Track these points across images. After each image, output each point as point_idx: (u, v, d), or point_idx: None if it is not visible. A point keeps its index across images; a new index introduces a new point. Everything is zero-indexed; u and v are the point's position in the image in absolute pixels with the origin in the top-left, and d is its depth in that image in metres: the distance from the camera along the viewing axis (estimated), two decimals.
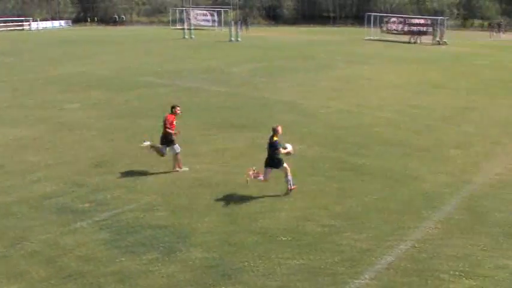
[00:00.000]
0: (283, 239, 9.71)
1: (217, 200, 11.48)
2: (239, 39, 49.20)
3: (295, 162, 13.70)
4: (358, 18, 71.92)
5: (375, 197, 11.62)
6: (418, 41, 50.78)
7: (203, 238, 9.74)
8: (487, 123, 18.46)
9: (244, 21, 63.09)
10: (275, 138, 11.54)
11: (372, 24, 55.71)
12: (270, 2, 78.14)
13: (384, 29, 55.24)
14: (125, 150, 14.98)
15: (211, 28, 64.67)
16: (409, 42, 50.79)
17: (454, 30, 64.18)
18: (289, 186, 11.74)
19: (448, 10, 74.84)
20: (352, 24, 74.15)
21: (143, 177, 12.82)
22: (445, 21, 54.60)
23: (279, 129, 11.59)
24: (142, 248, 9.39)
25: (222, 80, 27.02)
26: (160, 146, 13.23)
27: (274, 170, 11.67)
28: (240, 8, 73.99)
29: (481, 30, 70.44)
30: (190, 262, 8.93)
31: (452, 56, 39.43)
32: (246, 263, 8.87)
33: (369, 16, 56.01)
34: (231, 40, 48.64)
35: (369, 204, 11.25)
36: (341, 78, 27.72)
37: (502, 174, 13.21)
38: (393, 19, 55.49)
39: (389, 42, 50.44)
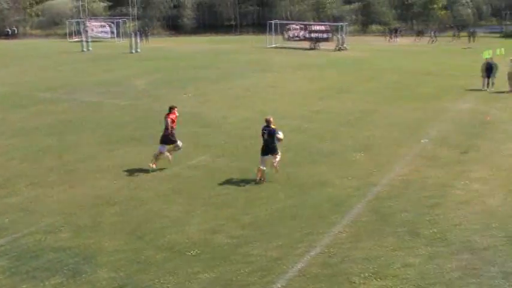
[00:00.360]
0: (193, 253, 9.66)
1: (123, 217, 11.24)
2: (139, 50, 48.57)
3: (200, 175, 13.74)
4: (259, 26, 73.04)
5: (284, 205, 11.82)
6: (318, 47, 52.46)
7: (109, 258, 9.50)
8: (391, 126, 19.36)
9: (144, 31, 62.29)
10: (273, 126, 13.41)
11: (273, 31, 56.87)
12: (170, 11, 77.77)
13: (286, 36, 56.54)
14: (22, 171, 14.35)
15: (110, 40, 63.37)
16: (310, 49, 52.34)
17: (354, 36, 66.77)
18: (275, 167, 13.48)
19: (347, 16, 77.90)
20: (254, 33, 75.23)
21: (43, 198, 12.33)
22: (345, 27, 56.79)
23: (272, 119, 13.56)
24: (45, 272, 9.02)
25: (122, 92, 26.53)
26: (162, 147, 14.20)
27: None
28: (139, 18, 73.15)
29: (379, 35, 73.71)
30: (98, 284, 8.68)
31: (354, 61, 41.05)
32: (156, 281, 8.73)
33: (271, 24, 57.18)
34: (131, 52, 47.92)
35: (277, 212, 11.43)
36: (245, 86, 28.07)
37: (406, 175, 13.88)
38: (294, 26, 56.94)
39: (291, 50, 51.64)
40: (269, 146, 13.45)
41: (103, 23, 66.71)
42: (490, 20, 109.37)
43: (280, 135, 13.46)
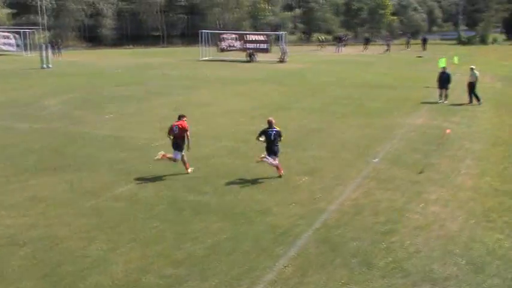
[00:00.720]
0: None
1: (34, 259, 10.89)
2: (50, 65, 47.70)
3: (125, 207, 13.55)
4: (190, 37, 73.38)
5: (220, 238, 11.76)
6: (255, 59, 53.12)
7: None
8: (338, 146, 19.70)
9: (55, 43, 61.08)
10: (277, 128, 15.93)
11: (206, 42, 57.19)
12: (86, 21, 76.44)
13: (220, 47, 56.98)
14: None
15: (16, 53, 61.98)
16: (247, 61, 52.90)
17: (295, 45, 68.02)
18: (279, 169, 15.91)
19: (290, 24, 79.11)
20: (184, 44, 75.46)
21: None
22: (284, 36, 57.69)
23: (274, 120, 16.06)
24: None
25: (32, 114, 25.94)
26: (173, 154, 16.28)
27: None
28: (50, 28, 71.50)
29: (323, 45, 75.38)
30: None
31: (295, 74, 41.82)
32: None
33: (202, 34, 57.40)
34: (42, 67, 47.06)
35: (213, 247, 11.35)
36: (174, 105, 27.94)
37: (357, 199, 14.11)
38: (229, 36, 57.40)
39: (226, 63, 52.08)
40: (274, 148, 15.85)
41: (6, 34, 64.93)
42: (443, 26, 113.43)
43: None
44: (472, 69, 29.11)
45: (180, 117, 16.36)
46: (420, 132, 21.92)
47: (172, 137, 16.20)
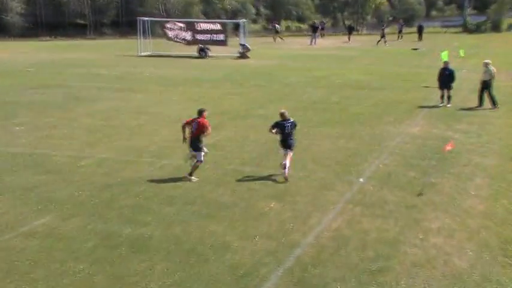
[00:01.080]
0: None
1: None
2: None
3: (40, 247, 13.35)
4: (125, 26, 72.91)
5: (166, 283, 11.67)
6: (208, 54, 53.20)
7: None
8: (313, 162, 19.82)
9: None
10: (292, 119, 18.24)
11: (147, 32, 56.82)
12: None
13: (166, 38, 56.67)
14: None
15: None
16: (199, 57, 52.91)
17: (260, 36, 68.38)
18: (286, 173, 17.74)
19: (252, 9, 79.25)
20: (117, 35, 74.90)
21: None
22: (244, 25, 57.72)
23: (286, 112, 18.28)
24: None
25: None
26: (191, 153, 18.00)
27: None
28: None
29: (295, 35, 75.95)
30: None
31: (259, 73, 41.96)
32: None
33: (141, 22, 56.98)
34: None
35: None
36: (105, 113, 27.87)
37: (338, 230, 14.11)
38: (175, 25, 57.07)
39: (172, 59, 52.01)
40: (289, 141, 18.15)
41: None
42: (444, 10, 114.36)
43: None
44: (486, 64, 29.02)
45: (201, 113, 18.03)
46: (417, 144, 22.15)
47: (185, 133, 17.98)
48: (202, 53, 53.26)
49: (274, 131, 18.20)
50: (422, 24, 75.67)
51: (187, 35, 55.83)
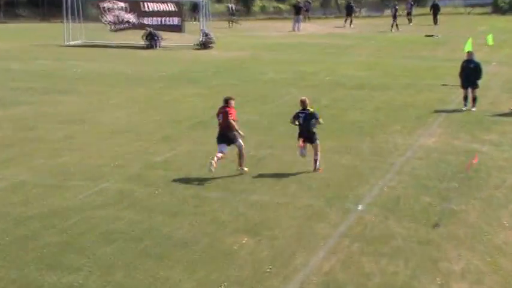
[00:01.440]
0: None
1: None
2: None
3: None
4: (47, 6, 72.58)
5: None
6: (159, 44, 53.16)
7: None
8: (296, 184, 19.78)
9: None
10: (311, 109, 20.71)
11: (76, 15, 56.29)
12: None
13: (111, 27, 56.34)
14: None
15: None
16: (147, 47, 52.82)
17: (226, 20, 68.44)
18: (316, 166, 20.61)
19: None
20: (36, 18, 74.54)
21: None
22: (206, 5, 57.38)
23: (307, 100, 20.81)
24: None
25: None
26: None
27: None
28: None
29: (273, 18, 76.22)
30: None
31: (226, 68, 42.11)
32: None
33: (68, 1, 56.08)
34: None
35: None
36: (22, 122, 27.83)
37: (331, 273, 13.98)
38: (113, 4, 56.30)
39: (111, 49, 51.91)
40: (309, 133, 20.59)
41: None
42: None
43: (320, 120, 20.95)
44: None
45: (227, 101, 20.53)
46: (433, 160, 22.19)
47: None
48: (152, 42, 53.11)
49: (297, 122, 20.93)
50: (437, 3, 75.61)
51: (131, 17, 55.47)
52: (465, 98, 29.38)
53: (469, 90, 29.21)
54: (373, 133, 25.50)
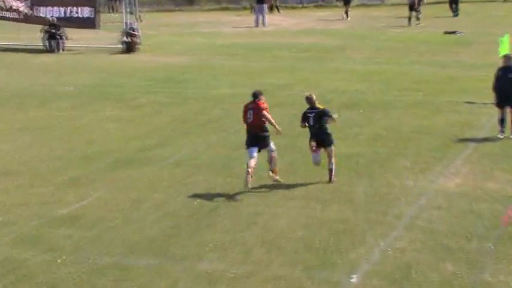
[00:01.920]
0: None
1: None
2: None
3: None
4: None
5: None
6: (63, 44, 53.13)
7: None
8: (262, 247, 19.62)
9: None
10: (321, 106, 22.73)
11: None
12: None
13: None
14: None
15: None
16: (46, 50, 52.82)
17: (162, 11, 68.67)
18: (332, 177, 23.11)
19: None
20: None
21: None
22: None
23: (314, 97, 23.01)
24: None
25: None
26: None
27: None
28: None
29: (226, 8, 76.80)
30: None
31: (161, 80, 42.29)
32: None
33: None
34: None
35: None
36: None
37: None
38: None
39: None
40: (323, 135, 22.84)
41: None
42: None
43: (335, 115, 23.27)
44: None
45: (257, 96, 23.15)
46: (457, 210, 22.11)
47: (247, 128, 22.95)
48: (53, 43, 53.01)
49: (305, 124, 23.39)
50: None
51: (22, 6, 55.32)
52: (501, 121, 29.39)
53: (508, 109, 29.24)
54: (371, 172, 25.47)
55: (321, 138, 22.28)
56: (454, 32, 60.11)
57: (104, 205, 22.63)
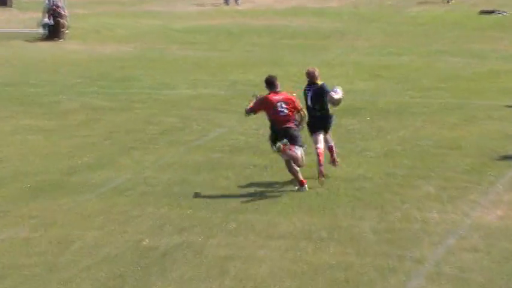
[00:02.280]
0: None
1: None
2: None
3: None
4: None
5: None
6: None
7: None
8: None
9: None
10: (320, 82, 23.63)
11: None
12: None
13: None
14: None
15: None
16: None
17: None
18: (334, 156, 24.93)
19: None
20: None
21: None
22: None
23: (317, 72, 24.02)
24: None
25: None
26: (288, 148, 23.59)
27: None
28: None
29: None
30: None
31: (95, 78, 42.42)
32: None
33: None
34: None
35: None
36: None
37: None
38: None
39: None
40: (323, 118, 22.90)
41: None
42: None
43: (339, 93, 23.28)
44: None
45: (274, 84, 23.77)
46: (498, 252, 22.20)
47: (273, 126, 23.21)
48: None
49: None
50: None
51: None
52: None
53: None
54: (382, 201, 25.49)
55: (321, 123, 22.92)
56: (492, 12, 60.38)
57: (18, 247, 22.60)
